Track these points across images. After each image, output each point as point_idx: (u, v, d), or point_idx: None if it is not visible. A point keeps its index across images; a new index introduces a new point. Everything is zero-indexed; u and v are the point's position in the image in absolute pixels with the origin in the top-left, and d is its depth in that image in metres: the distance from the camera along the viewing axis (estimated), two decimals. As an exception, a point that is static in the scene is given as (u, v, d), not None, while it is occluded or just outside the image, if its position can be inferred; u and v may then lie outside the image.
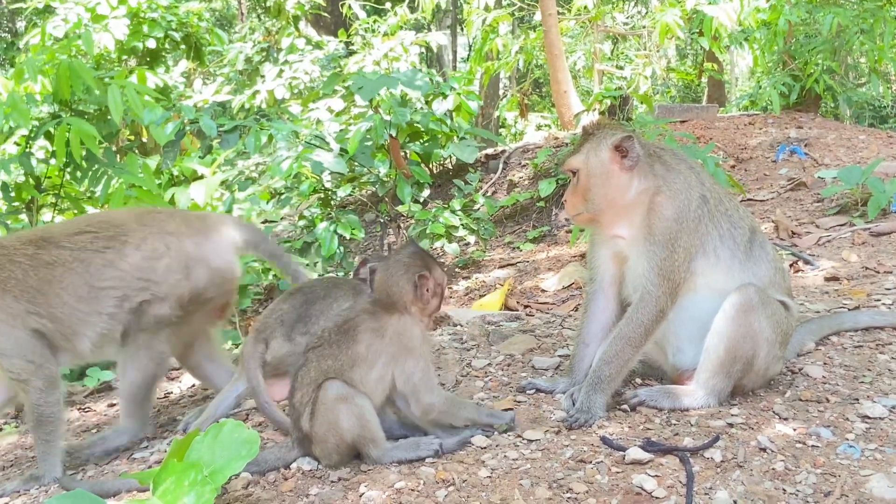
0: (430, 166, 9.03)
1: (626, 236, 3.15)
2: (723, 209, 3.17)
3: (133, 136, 8.90)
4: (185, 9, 10.46)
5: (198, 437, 2.47)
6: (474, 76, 12.60)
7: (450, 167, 9.64)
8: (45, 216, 6.04)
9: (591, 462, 2.63)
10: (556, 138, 9.90)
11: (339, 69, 11.47)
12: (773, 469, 2.56)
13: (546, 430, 2.90)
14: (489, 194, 9.05)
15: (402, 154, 7.67)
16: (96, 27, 9.07)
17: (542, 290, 6.19)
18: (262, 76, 12.17)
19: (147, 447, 3.46)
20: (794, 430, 2.83)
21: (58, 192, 6.04)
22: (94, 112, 6.17)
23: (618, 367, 3.06)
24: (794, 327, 3.34)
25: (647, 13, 17.00)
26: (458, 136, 8.50)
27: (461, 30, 17.39)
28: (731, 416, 2.96)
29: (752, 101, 12.25)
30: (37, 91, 6.04)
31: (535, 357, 3.75)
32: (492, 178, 9.51)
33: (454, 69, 18.74)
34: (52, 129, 5.50)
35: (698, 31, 11.06)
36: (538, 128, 15.05)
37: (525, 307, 5.64)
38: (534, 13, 12.91)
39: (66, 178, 5.90)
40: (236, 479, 2.67)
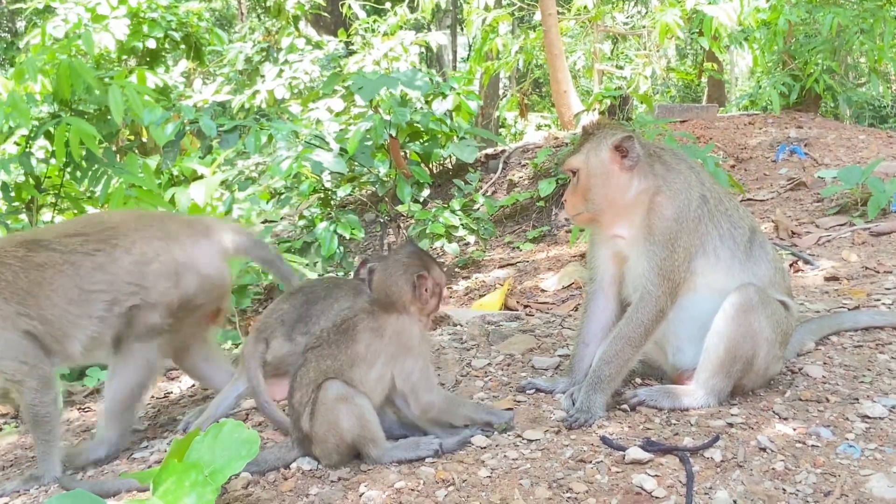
0: (430, 166, 9.03)
1: (626, 236, 3.15)
2: (723, 209, 3.17)
3: (133, 136, 8.90)
4: (185, 9, 10.46)
5: (198, 437, 2.47)
6: (474, 76, 12.61)
7: (450, 167, 9.63)
8: (45, 216, 6.04)
9: (590, 462, 2.63)
10: (555, 138, 9.89)
11: (338, 69, 11.48)
12: (773, 469, 2.56)
13: (546, 430, 2.90)
14: (489, 194, 9.05)
15: (402, 154, 7.67)
16: (96, 27, 9.07)
17: (542, 290, 6.19)
18: (262, 76, 12.17)
19: (147, 447, 3.46)
20: (794, 429, 2.83)
21: (58, 192, 6.04)
22: (93, 112, 6.17)
23: (618, 367, 3.06)
24: (794, 327, 3.34)
25: (646, 13, 16.99)
26: (457, 136, 8.49)
27: (461, 30, 17.39)
28: (731, 415, 2.96)
29: (752, 101, 12.26)
30: (37, 91, 6.04)
31: (535, 357, 3.75)
32: (492, 178, 9.51)
33: (454, 69, 18.74)
34: (52, 129, 5.49)
35: (698, 30, 11.06)
36: (538, 128, 15.06)
37: (525, 307, 5.64)
38: (534, 13, 12.91)
39: (66, 178, 5.90)
40: (236, 479, 2.67)
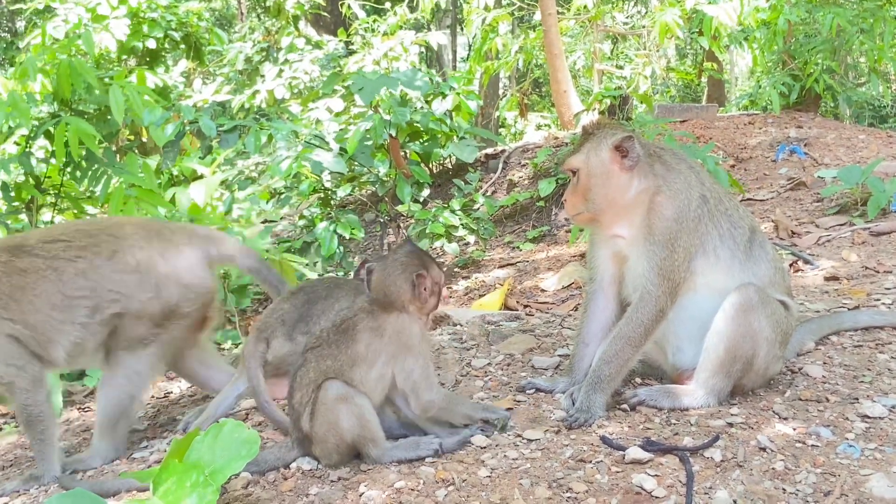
0: (430, 166, 9.02)
1: (626, 236, 3.15)
2: (723, 209, 3.17)
3: (133, 136, 8.91)
4: (185, 8, 10.47)
5: (198, 436, 2.47)
6: (474, 76, 12.60)
7: (449, 167, 9.63)
8: (45, 216, 6.04)
9: (590, 461, 2.63)
10: (555, 138, 9.89)
11: (338, 69, 11.48)
12: (772, 468, 2.56)
13: (546, 430, 2.90)
14: (489, 194, 9.04)
15: (402, 154, 7.67)
16: (96, 27, 9.08)
17: (542, 290, 6.19)
18: (262, 76, 12.17)
19: (147, 447, 3.46)
20: (794, 429, 2.83)
21: (58, 192, 6.04)
22: (93, 112, 6.17)
23: (617, 367, 3.06)
24: (794, 327, 3.34)
25: (646, 13, 16.99)
26: (457, 136, 8.49)
27: (461, 29, 17.39)
28: (731, 415, 2.96)
29: (752, 101, 12.26)
30: (37, 91, 6.03)
31: (535, 357, 3.75)
32: (491, 178, 9.51)
33: (454, 69, 18.73)
34: (52, 129, 5.49)
35: (698, 30, 11.06)
36: (538, 127, 15.05)
37: (525, 307, 5.64)
38: (533, 13, 12.92)
39: (66, 178, 5.90)
40: (236, 479, 2.67)
